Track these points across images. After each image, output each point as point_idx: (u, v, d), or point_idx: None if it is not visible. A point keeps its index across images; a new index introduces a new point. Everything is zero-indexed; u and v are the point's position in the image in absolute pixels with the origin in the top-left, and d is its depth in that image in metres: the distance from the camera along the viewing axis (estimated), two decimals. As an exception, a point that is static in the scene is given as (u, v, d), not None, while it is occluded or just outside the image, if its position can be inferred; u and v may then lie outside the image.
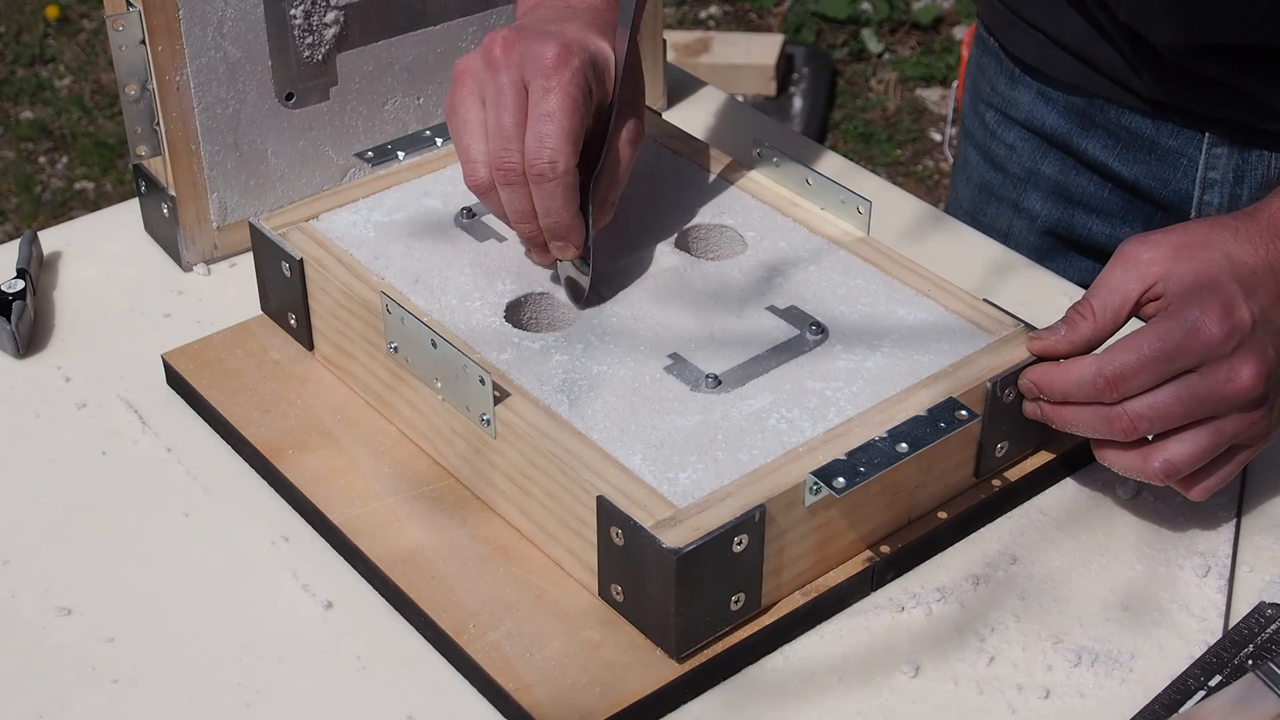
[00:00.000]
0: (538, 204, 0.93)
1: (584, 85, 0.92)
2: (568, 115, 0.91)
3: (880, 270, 1.00)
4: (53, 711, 0.84)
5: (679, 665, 0.84)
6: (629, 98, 0.97)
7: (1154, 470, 0.86)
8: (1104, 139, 1.18)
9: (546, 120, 0.91)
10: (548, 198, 0.92)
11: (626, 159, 0.97)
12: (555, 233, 0.94)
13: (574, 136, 0.91)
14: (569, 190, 0.92)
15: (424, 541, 0.91)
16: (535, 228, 0.94)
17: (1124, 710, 0.83)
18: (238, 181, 1.14)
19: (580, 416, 0.88)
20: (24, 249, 1.13)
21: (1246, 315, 0.85)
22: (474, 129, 0.94)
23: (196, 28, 1.07)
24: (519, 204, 0.93)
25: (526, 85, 0.92)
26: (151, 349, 1.06)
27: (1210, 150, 1.14)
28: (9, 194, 2.95)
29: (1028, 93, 1.22)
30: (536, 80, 0.91)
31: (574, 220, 0.93)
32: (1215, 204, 1.15)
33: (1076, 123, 1.19)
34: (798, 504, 0.84)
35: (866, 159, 3.04)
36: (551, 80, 0.91)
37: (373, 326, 0.96)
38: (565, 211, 0.93)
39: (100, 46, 3.33)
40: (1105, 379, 0.85)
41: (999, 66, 1.25)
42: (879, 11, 3.40)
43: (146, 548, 0.94)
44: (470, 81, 0.94)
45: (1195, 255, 0.87)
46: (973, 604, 0.89)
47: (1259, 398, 0.85)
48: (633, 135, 0.97)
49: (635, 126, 0.97)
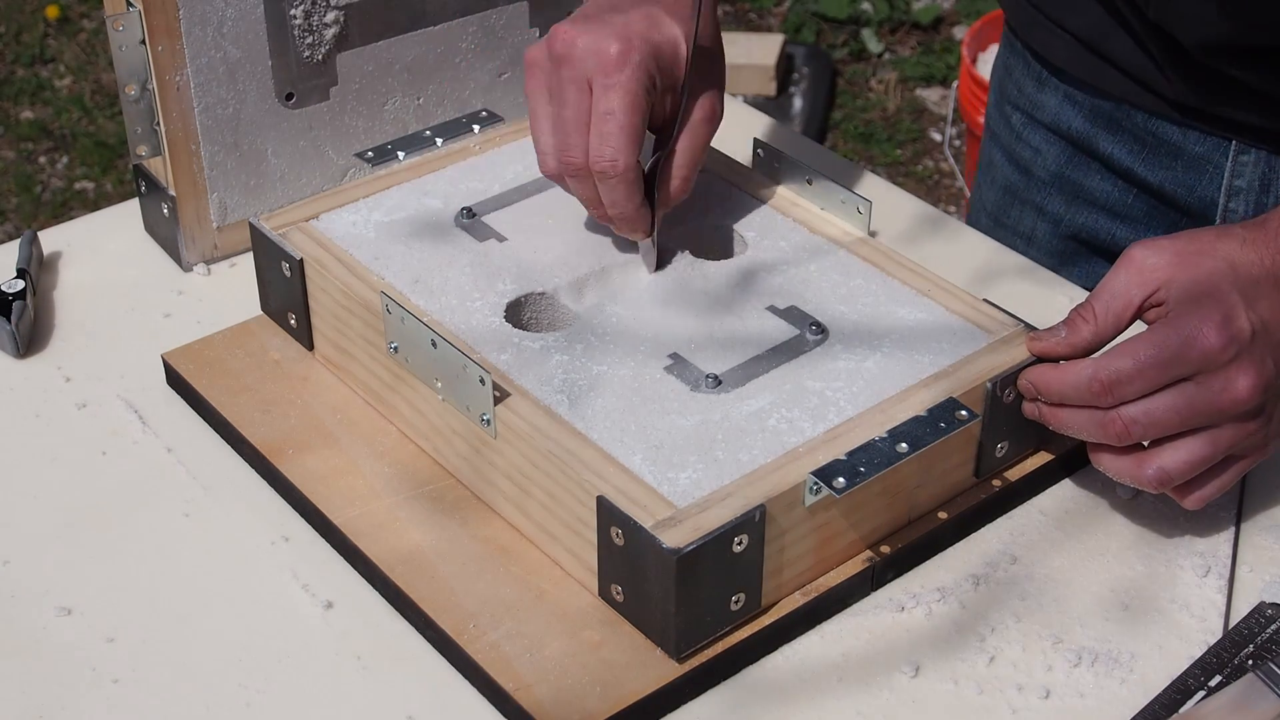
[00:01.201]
0: (603, 196, 0.96)
1: (646, 80, 0.94)
2: (628, 113, 0.93)
3: (880, 270, 1.00)
4: (53, 711, 0.84)
5: (679, 665, 0.84)
6: (701, 78, 0.98)
7: (1148, 477, 0.86)
8: (1129, 143, 1.18)
9: (608, 119, 0.94)
10: (611, 192, 0.95)
11: (700, 138, 0.99)
12: (621, 221, 0.98)
13: (635, 133, 0.94)
14: (630, 185, 0.95)
15: (424, 541, 0.91)
16: (604, 213, 0.98)
17: (1124, 710, 0.83)
18: (238, 181, 1.14)
19: (580, 416, 0.88)
20: (24, 249, 1.13)
21: (1246, 325, 0.84)
22: (542, 121, 0.97)
23: (196, 28, 1.07)
24: (586, 193, 0.97)
25: (589, 81, 0.94)
26: (151, 349, 1.06)
27: (1237, 158, 1.13)
28: (9, 194, 2.95)
29: (1054, 95, 1.22)
30: (598, 78, 0.94)
31: (638, 211, 0.97)
32: (1241, 212, 1.15)
33: (1102, 126, 1.19)
34: (798, 504, 0.84)
35: (866, 159, 3.04)
36: (613, 77, 0.93)
37: (373, 326, 0.96)
38: (629, 204, 0.96)
39: (100, 46, 3.33)
40: (1101, 383, 0.85)
41: (1026, 68, 1.24)
42: (879, 11, 3.40)
43: (146, 548, 0.94)
44: (538, 74, 0.97)
45: (1199, 263, 0.86)
46: (973, 604, 0.89)
47: (1255, 408, 0.85)
48: (706, 114, 0.99)
49: (707, 105, 0.99)
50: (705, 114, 0.99)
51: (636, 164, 0.95)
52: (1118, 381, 0.84)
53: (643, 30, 0.95)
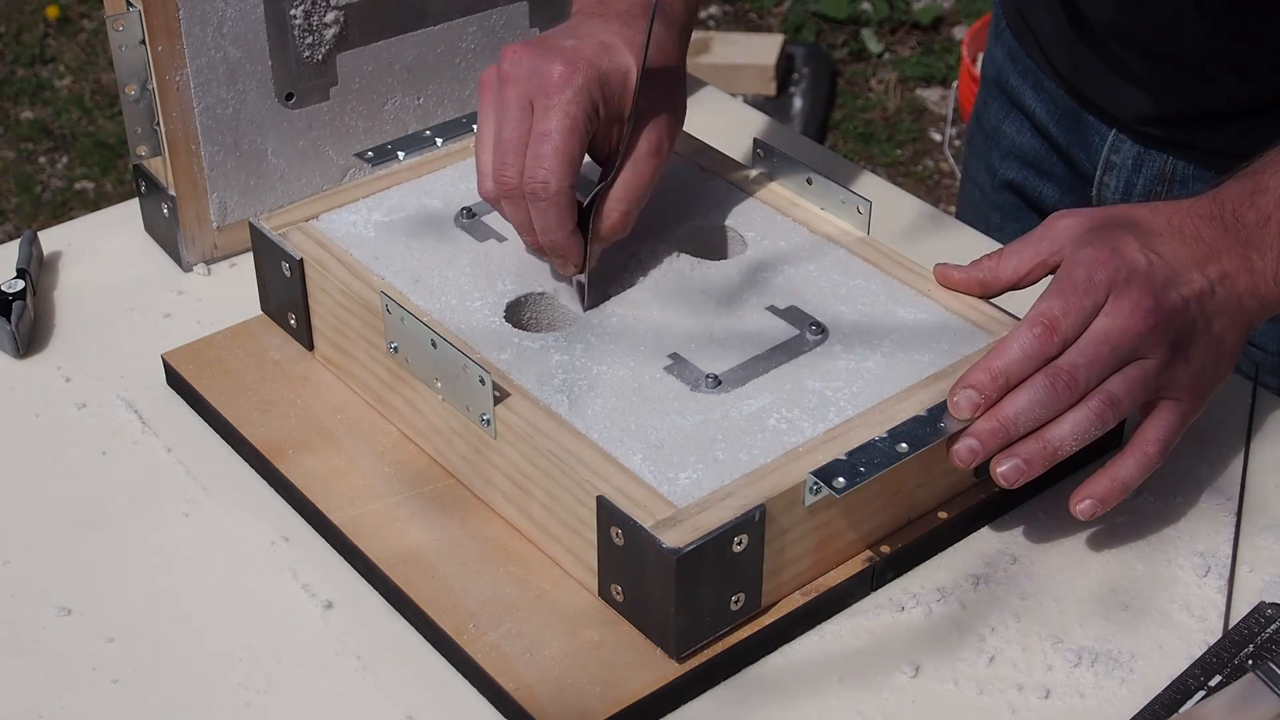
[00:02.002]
0: (535, 221, 0.94)
1: (587, 105, 0.93)
2: (564, 135, 0.92)
3: (880, 270, 1.00)
4: (53, 711, 0.84)
5: (679, 665, 0.84)
6: (653, 110, 0.96)
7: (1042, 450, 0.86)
8: (1047, 103, 1.23)
9: (544, 140, 0.92)
10: (541, 216, 0.93)
11: (643, 173, 0.96)
12: (551, 250, 0.95)
13: (570, 156, 0.92)
14: (562, 210, 0.93)
15: (424, 541, 0.91)
16: (535, 240, 0.96)
17: (1124, 710, 0.83)
18: (238, 181, 1.14)
19: (580, 416, 0.88)
20: (24, 249, 1.13)
21: (1140, 257, 0.87)
22: (485, 141, 0.96)
23: (196, 28, 1.07)
24: (519, 217, 0.95)
25: (531, 102, 0.93)
26: (151, 349, 1.06)
27: (1117, 134, 1.17)
28: (9, 194, 2.95)
29: (1001, 48, 1.27)
30: (539, 98, 0.93)
31: (569, 238, 0.94)
32: (1112, 185, 1.19)
33: (1030, 84, 1.24)
34: (798, 504, 0.84)
35: (866, 159, 3.04)
36: (552, 99, 0.92)
37: (373, 326, 0.96)
38: (559, 230, 0.94)
39: (100, 46, 3.33)
40: (1042, 324, 0.86)
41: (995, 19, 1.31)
42: (879, 11, 3.40)
43: (146, 548, 0.94)
44: (487, 93, 0.96)
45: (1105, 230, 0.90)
46: (973, 604, 0.89)
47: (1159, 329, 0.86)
48: (652, 147, 0.96)
49: (654, 138, 0.96)
50: (651, 147, 0.96)
51: (569, 189, 0.93)
52: (1054, 317, 0.86)
53: (591, 56, 0.94)
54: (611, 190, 0.96)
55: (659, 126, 0.97)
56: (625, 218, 0.96)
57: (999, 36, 1.28)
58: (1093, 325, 0.86)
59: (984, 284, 0.95)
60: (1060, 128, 1.22)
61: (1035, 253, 0.93)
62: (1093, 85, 1.16)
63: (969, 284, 0.96)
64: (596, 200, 0.96)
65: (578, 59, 0.93)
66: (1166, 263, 0.88)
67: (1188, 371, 0.88)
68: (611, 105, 0.95)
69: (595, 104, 0.93)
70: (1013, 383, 0.86)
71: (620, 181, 0.96)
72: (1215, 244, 0.90)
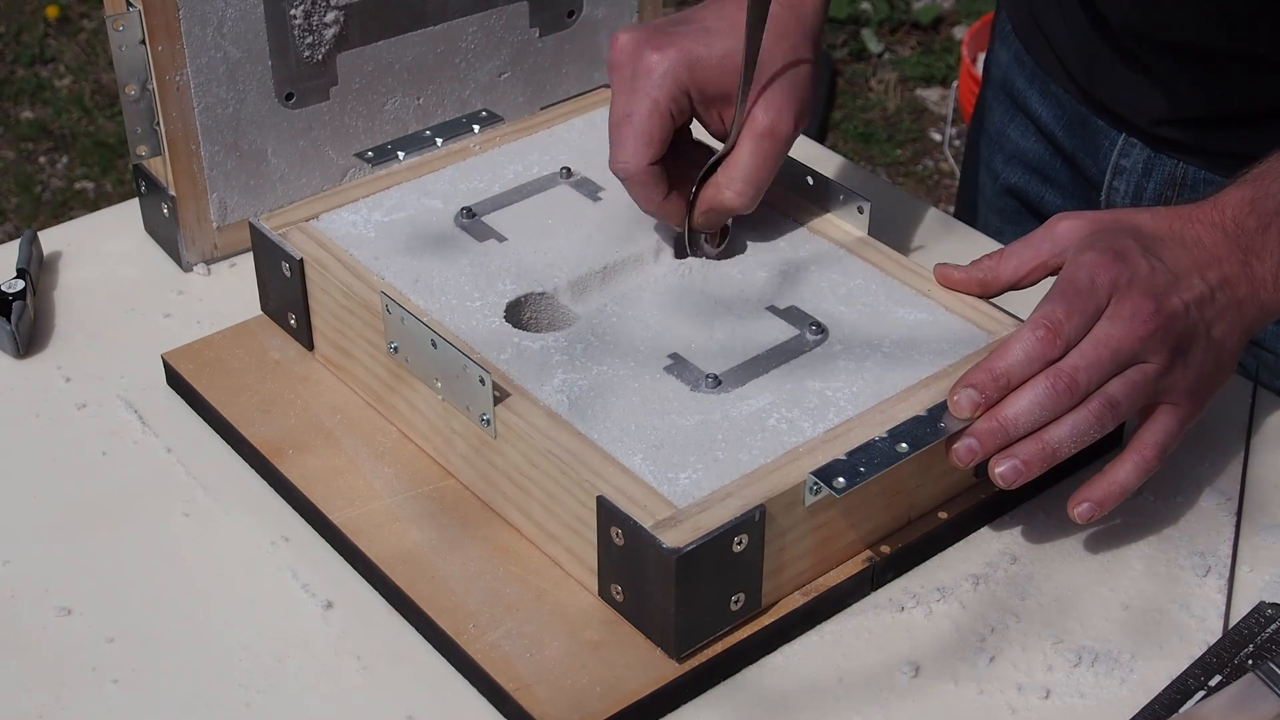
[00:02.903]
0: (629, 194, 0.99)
1: (672, 88, 0.96)
2: (644, 118, 0.96)
3: (880, 270, 1.00)
4: (53, 711, 0.84)
5: (679, 665, 0.84)
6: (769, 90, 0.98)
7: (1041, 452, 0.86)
8: (1054, 107, 1.22)
9: (626, 123, 0.96)
10: (630, 191, 0.98)
11: (754, 151, 0.97)
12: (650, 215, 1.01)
13: (648, 138, 0.96)
14: (646, 187, 0.97)
15: (424, 541, 0.91)
16: None
17: (1124, 710, 0.83)
18: (238, 181, 1.14)
19: (580, 416, 0.88)
20: (24, 249, 1.13)
21: (1142, 262, 0.88)
22: None
23: (196, 28, 1.07)
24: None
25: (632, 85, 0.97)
26: (151, 349, 1.06)
27: (1127, 139, 1.17)
28: (9, 194, 2.95)
29: (1006, 51, 1.27)
30: (629, 82, 0.97)
31: (659, 209, 0.99)
32: (1122, 190, 1.18)
33: (1038, 88, 1.23)
34: (798, 504, 0.84)
35: (866, 159, 3.04)
36: (639, 81, 0.96)
37: (373, 326, 0.96)
38: (649, 204, 0.99)
39: (100, 46, 3.33)
40: (1045, 328, 0.86)
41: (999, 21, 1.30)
42: (879, 11, 3.40)
43: (146, 548, 0.94)
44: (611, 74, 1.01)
45: (1107, 234, 0.90)
46: (973, 604, 0.89)
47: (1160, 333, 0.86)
48: (763, 129, 0.97)
49: (768, 120, 0.97)
50: (763, 129, 0.97)
51: (649, 168, 0.96)
52: (1057, 320, 0.86)
53: (687, 43, 0.97)
54: (723, 167, 0.98)
55: (775, 108, 0.98)
56: (740, 196, 0.98)
57: (1004, 40, 1.27)
58: (1094, 329, 0.86)
59: (984, 284, 0.96)
60: (1067, 133, 1.22)
61: (1036, 254, 0.93)
62: (1107, 87, 1.16)
63: (969, 284, 0.96)
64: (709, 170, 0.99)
65: (669, 44, 0.96)
66: (1167, 268, 0.88)
67: (1187, 376, 0.88)
68: (709, 88, 0.98)
69: (683, 87, 0.96)
70: (1014, 384, 0.86)
71: (732, 160, 0.98)
72: (1216, 249, 0.90)
